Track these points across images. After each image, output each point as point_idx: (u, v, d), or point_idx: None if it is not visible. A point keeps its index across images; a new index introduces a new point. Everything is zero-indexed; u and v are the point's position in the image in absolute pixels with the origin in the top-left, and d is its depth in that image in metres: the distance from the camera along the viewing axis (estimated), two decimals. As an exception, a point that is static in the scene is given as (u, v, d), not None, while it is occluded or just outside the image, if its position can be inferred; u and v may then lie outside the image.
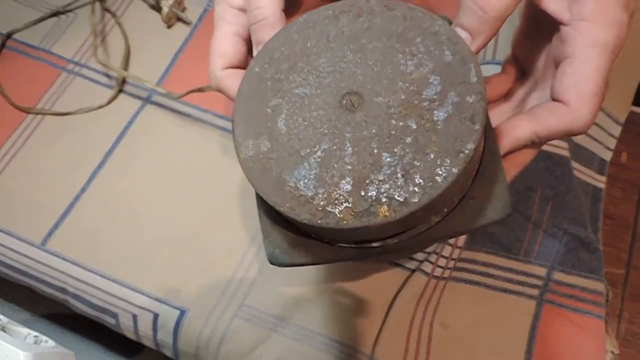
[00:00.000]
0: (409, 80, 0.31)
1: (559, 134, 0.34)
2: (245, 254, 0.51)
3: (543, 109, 0.34)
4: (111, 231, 0.53)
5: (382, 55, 0.32)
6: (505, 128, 0.34)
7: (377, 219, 0.29)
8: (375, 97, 0.31)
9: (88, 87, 0.59)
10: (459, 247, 0.51)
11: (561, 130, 0.33)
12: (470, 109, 0.30)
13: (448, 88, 0.30)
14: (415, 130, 0.30)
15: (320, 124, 0.31)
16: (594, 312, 0.49)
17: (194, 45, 0.61)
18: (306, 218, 0.30)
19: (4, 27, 0.62)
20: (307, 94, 0.32)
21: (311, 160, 0.31)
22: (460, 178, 0.29)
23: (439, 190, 0.29)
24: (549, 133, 0.34)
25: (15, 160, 0.56)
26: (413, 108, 0.31)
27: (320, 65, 0.33)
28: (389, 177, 0.29)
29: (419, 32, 0.32)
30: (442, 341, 0.48)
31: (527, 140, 0.34)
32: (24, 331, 0.47)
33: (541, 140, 0.34)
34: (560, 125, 0.33)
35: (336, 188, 0.30)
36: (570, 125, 0.33)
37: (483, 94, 0.30)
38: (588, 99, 0.33)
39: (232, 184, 0.54)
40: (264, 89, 0.33)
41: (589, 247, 0.51)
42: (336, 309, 0.49)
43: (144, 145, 0.56)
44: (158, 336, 0.50)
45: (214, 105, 0.58)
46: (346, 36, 0.33)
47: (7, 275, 0.53)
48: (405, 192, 0.29)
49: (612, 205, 0.56)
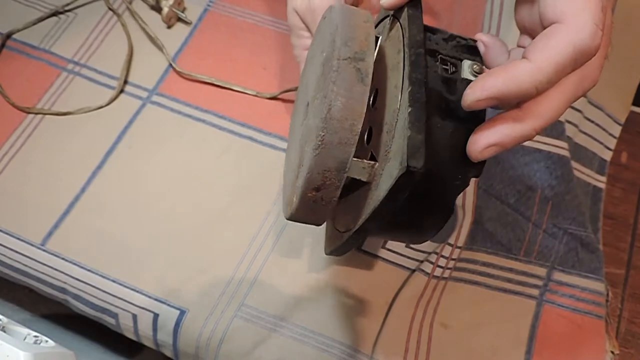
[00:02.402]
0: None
1: (566, 61, 0.28)
2: (245, 254, 0.51)
3: (537, 40, 0.29)
4: (111, 231, 0.53)
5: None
6: (496, 69, 0.30)
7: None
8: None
9: (88, 87, 0.59)
10: (459, 247, 0.51)
11: (565, 53, 0.28)
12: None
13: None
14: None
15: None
16: (594, 312, 0.49)
17: (194, 45, 0.61)
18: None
19: (4, 27, 0.62)
20: None
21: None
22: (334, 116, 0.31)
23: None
24: (552, 62, 0.28)
25: (15, 160, 0.56)
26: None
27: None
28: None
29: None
30: (442, 341, 0.48)
31: (527, 77, 0.29)
32: (24, 331, 0.47)
33: (547, 77, 0.29)
34: (562, 45, 0.28)
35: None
36: (574, 41, 0.28)
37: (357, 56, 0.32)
38: (583, 4, 0.28)
39: (232, 184, 0.54)
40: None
41: (589, 247, 0.51)
42: (336, 309, 0.49)
43: (144, 145, 0.56)
44: (158, 336, 0.50)
45: (214, 105, 0.58)
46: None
47: (7, 275, 0.53)
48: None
49: (612, 205, 0.56)
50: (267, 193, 0.53)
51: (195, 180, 0.54)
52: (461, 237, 0.51)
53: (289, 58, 0.60)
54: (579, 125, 0.56)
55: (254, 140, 0.56)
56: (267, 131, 0.56)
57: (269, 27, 0.61)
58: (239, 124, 0.57)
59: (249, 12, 0.62)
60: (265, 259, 0.51)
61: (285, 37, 0.60)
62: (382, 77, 0.36)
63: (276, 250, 0.51)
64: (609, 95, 0.58)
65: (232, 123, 0.57)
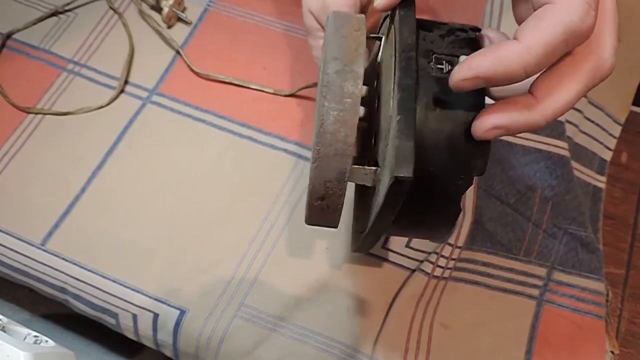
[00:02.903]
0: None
1: (555, 41, 0.27)
2: (245, 254, 0.51)
3: (528, 21, 0.28)
4: (111, 231, 0.53)
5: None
6: (485, 49, 0.29)
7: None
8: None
9: (88, 87, 0.59)
10: (459, 247, 0.51)
11: (555, 33, 0.27)
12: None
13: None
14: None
15: None
16: (594, 312, 0.49)
17: (194, 45, 0.61)
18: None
19: (4, 27, 0.62)
20: None
21: None
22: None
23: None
24: (541, 43, 0.27)
25: (15, 160, 0.56)
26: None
27: None
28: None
29: None
30: (442, 341, 0.48)
31: (516, 58, 0.28)
32: (23, 331, 0.47)
33: (536, 58, 0.28)
34: (551, 26, 0.27)
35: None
36: (564, 21, 0.27)
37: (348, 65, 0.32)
38: None
39: (232, 184, 0.54)
40: None
41: (589, 247, 0.51)
42: (336, 309, 0.49)
43: (144, 145, 0.56)
44: (158, 336, 0.50)
45: (214, 105, 0.58)
46: None
47: (7, 275, 0.53)
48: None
49: (612, 205, 0.56)
50: (267, 193, 0.53)
51: (195, 180, 0.54)
52: (461, 237, 0.52)
53: (289, 58, 0.60)
54: (579, 125, 0.56)
55: (254, 140, 0.56)
56: (267, 131, 0.56)
57: (269, 27, 0.61)
58: (239, 124, 0.57)
59: (249, 12, 0.62)
60: (265, 259, 0.51)
61: (286, 37, 0.61)
62: (382, 82, 0.36)
63: (276, 250, 0.51)
64: (609, 95, 0.58)
65: (232, 123, 0.57)
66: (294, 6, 0.62)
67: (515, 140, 0.54)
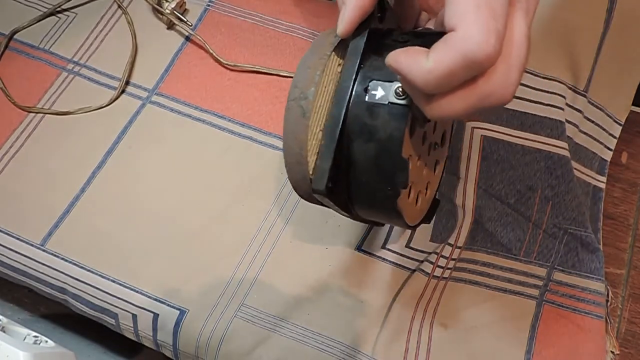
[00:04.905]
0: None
1: (456, 68, 0.29)
2: (245, 254, 0.51)
3: (437, 43, 0.30)
4: (111, 231, 0.53)
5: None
6: (411, 51, 0.31)
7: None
8: None
9: (88, 87, 0.59)
10: (459, 247, 0.51)
11: (455, 61, 0.29)
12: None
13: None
14: None
15: None
16: (594, 312, 0.49)
17: (194, 45, 0.61)
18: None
19: (4, 27, 0.62)
20: None
21: None
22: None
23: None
24: (443, 67, 0.29)
25: (15, 160, 0.56)
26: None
27: None
28: None
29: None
30: (442, 341, 0.48)
31: (419, 74, 0.30)
32: (23, 331, 0.47)
33: (436, 81, 0.29)
34: (452, 53, 0.29)
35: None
36: (462, 49, 0.28)
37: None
38: (472, 15, 0.28)
39: (232, 184, 0.54)
40: None
41: (589, 247, 0.51)
42: (336, 309, 0.49)
43: (144, 145, 0.56)
44: (158, 336, 0.50)
45: (214, 105, 0.58)
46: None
47: (7, 275, 0.53)
48: None
49: (612, 205, 0.56)
50: (267, 193, 0.53)
51: (195, 180, 0.54)
52: (461, 237, 0.52)
53: (289, 58, 0.60)
54: (579, 125, 0.56)
55: (254, 140, 0.56)
56: (267, 131, 0.56)
57: (269, 27, 0.61)
58: (239, 124, 0.57)
59: (249, 12, 0.62)
60: (265, 259, 0.51)
61: (286, 37, 0.61)
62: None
63: (276, 250, 0.51)
64: (609, 95, 0.58)
65: (232, 123, 0.57)
66: (294, 6, 0.62)
67: (515, 140, 0.54)
